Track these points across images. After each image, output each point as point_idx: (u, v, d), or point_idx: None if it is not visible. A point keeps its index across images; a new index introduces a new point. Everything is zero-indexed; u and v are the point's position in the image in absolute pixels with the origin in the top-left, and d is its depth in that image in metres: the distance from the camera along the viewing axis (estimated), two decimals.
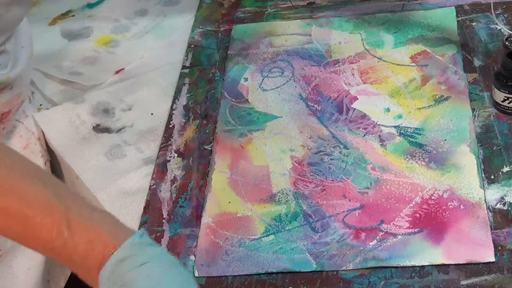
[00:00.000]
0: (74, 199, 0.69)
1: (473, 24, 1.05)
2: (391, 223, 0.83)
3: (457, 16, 1.07)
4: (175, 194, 0.92)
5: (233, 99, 1.03)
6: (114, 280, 0.64)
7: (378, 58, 1.04)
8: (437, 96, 0.96)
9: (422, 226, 0.82)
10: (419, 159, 0.89)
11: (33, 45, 1.02)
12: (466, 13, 1.08)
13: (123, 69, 1.13)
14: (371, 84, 1.00)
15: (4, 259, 1.00)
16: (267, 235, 0.85)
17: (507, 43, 1.01)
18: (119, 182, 0.96)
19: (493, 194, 0.84)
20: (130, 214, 0.91)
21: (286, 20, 1.14)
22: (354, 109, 0.98)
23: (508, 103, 0.91)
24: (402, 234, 0.82)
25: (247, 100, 1.03)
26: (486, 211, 0.82)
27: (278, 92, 1.03)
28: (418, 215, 0.83)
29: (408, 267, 0.79)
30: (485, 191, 0.84)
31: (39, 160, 1.03)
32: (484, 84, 0.96)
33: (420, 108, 0.96)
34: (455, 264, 0.78)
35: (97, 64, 1.15)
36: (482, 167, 0.87)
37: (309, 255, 0.82)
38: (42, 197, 0.67)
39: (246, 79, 1.06)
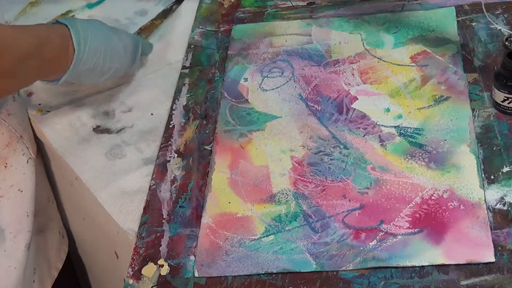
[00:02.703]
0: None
1: (473, 24, 1.05)
2: (391, 223, 0.83)
3: (457, 16, 1.07)
4: (175, 194, 0.92)
5: (233, 99, 1.03)
6: None
7: (378, 58, 1.04)
8: (437, 96, 0.96)
9: (422, 226, 0.82)
10: (419, 159, 0.89)
11: None
12: (466, 13, 1.07)
13: None
14: (371, 84, 1.00)
15: None
16: (267, 235, 0.85)
17: (507, 43, 1.01)
18: (119, 182, 0.96)
19: (493, 194, 0.84)
20: (130, 214, 0.91)
21: (286, 20, 1.14)
22: (354, 109, 0.98)
23: (508, 103, 0.91)
24: (402, 234, 0.82)
25: (247, 100, 1.03)
26: (486, 211, 0.82)
27: (278, 92, 1.03)
28: (418, 215, 0.83)
29: (408, 267, 0.79)
30: (485, 191, 0.84)
31: (21, 158, 1.02)
32: (484, 84, 0.96)
33: (420, 108, 0.96)
34: (455, 264, 0.78)
35: None
36: (482, 167, 0.87)
37: (309, 255, 0.82)
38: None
39: (246, 79, 1.06)
